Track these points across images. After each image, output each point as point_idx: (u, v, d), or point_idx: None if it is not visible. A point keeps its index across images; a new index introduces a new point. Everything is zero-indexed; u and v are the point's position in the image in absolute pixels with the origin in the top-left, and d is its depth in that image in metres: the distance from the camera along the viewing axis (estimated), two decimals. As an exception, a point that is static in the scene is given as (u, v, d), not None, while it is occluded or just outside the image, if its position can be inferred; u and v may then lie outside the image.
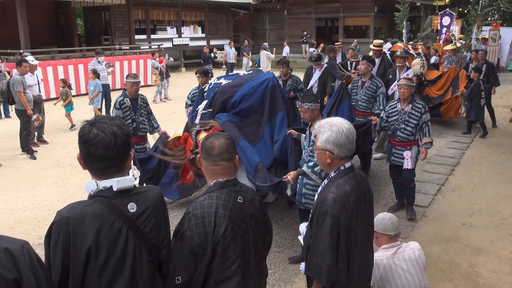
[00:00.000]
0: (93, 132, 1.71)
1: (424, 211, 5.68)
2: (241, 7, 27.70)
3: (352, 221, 2.28)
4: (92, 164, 1.74)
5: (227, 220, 2.05)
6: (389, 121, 5.51)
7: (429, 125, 5.35)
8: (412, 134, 5.35)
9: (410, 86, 5.35)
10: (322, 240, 2.26)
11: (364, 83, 6.81)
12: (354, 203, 2.28)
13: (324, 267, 2.24)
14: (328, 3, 25.43)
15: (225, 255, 2.05)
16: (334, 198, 2.25)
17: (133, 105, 5.80)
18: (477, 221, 5.39)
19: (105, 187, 1.73)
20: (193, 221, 2.02)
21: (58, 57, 15.53)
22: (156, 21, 23.65)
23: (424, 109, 5.32)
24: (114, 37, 20.67)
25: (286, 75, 7.26)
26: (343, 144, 2.32)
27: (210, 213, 2.03)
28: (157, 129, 6.12)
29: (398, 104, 5.48)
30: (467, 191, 6.37)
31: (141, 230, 1.76)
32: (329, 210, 2.24)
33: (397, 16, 15.98)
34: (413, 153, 5.37)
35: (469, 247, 4.78)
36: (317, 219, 2.32)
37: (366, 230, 2.40)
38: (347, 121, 2.41)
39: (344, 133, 2.32)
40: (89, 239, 1.63)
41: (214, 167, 2.16)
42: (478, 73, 9.10)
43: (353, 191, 2.29)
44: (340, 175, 2.35)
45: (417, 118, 5.29)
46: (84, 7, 22.14)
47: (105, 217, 1.67)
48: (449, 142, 8.85)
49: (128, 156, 1.80)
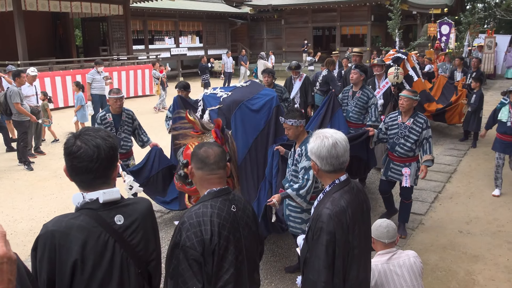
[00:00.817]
0: (76, 144, 1.71)
1: (421, 219, 5.66)
2: (238, 17, 27.88)
3: (349, 236, 2.23)
4: (77, 177, 1.73)
5: (222, 229, 2.03)
6: (388, 134, 5.23)
7: (431, 142, 5.04)
8: (411, 150, 5.07)
9: (411, 99, 5.00)
10: (318, 257, 2.22)
11: (355, 93, 6.50)
12: (350, 218, 2.23)
13: (320, 284, 2.21)
14: (325, 12, 25.60)
15: (219, 265, 2.04)
16: (330, 214, 2.19)
17: (116, 121, 5.61)
18: (474, 229, 5.37)
19: (91, 199, 1.72)
20: (191, 230, 1.99)
21: (56, 68, 15.56)
22: (154, 31, 23.78)
23: (426, 125, 5.01)
24: (112, 48, 20.75)
25: (270, 84, 7.15)
26: (324, 158, 2.26)
27: (206, 221, 2.01)
28: (147, 143, 5.91)
29: (399, 117, 5.17)
30: (464, 199, 6.37)
31: (129, 242, 1.75)
32: (324, 226, 2.19)
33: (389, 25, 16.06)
34: (412, 170, 5.11)
35: (466, 255, 4.76)
36: (312, 235, 2.28)
37: (364, 243, 2.35)
38: (340, 135, 2.32)
39: (326, 146, 2.24)
40: (75, 252, 1.62)
41: (211, 176, 2.15)
42: (479, 83, 8.97)
43: (349, 206, 2.24)
44: (335, 189, 2.30)
45: (418, 134, 5.00)
46: (82, 18, 22.25)
47: (91, 229, 1.66)
48: (446, 150, 8.86)
49: (114, 168, 1.79)
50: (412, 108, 5.07)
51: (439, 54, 14.58)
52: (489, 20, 23.52)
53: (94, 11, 17.15)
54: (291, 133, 3.97)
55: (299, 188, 3.74)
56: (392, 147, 5.17)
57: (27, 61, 14.63)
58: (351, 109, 6.46)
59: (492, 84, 18.57)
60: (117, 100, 5.56)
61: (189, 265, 1.95)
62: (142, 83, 17.69)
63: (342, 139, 2.28)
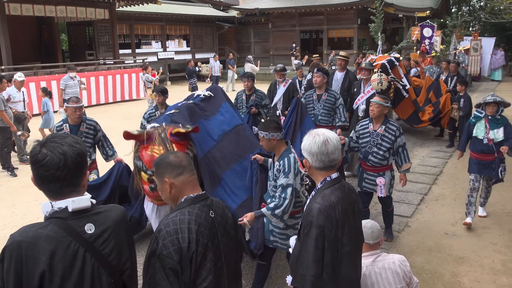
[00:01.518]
0: (42, 152, 1.66)
1: (407, 221, 5.66)
2: (226, 21, 27.86)
3: (338, 232, 2.26)
4: (44, 186, 1.68)
5: (200, 236, 1.99)
6: (359, 142, 5.03)
7: (406, 149, 4.95)
8: (385, 159, 4.89)
9: (381, 105, 4.82)
10: (308, 251, 2.26)
11: (321, 96, 6.42)
12: (340, 214, 2.27)
13: (309, 278, 2.24)
14: (312, 16, 25.67)
15: (197, 272, 1.99)
16: (319, 208, 2.25)
17: (73, 133, 5.18)
18: (459, 230, 5.39)
19: (60, 208, 1.66)
20: (167, 239, 1.94)
21: (41, 73, 15.36)
22: (141, 35, 23.62)
23: (399, 132, 4.86)
24: (99, 52, 20.57)
25: (250, 89, 6.98)
26: (314, 154, 2.32)
27: (183, 229, 1.97)
28: (112, 157, 5.53)
29: (370, 124, 4.97)
30: (450, 200, 6.38)
31: (100, 251, 1.69)
32: (314, 220, 2.24)
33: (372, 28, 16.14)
34: (387, 179, 4.95)
35: (451, 257, 4.77)
36: (303, 230, 2.32)
37: (354, 242, 2.37)
38: (331, 134, 2.38)
39: (317, 143, 2.31)
40: (42, 263, 1.56)
41: (191, 177, 2.13)
42: (465, 86, 9.00)
43: (339, 202, 2.29)
44: (326, 186, 2.36)
45: (391, 142, 4.83)
46: (67, 22, 22.03)
47: (60, 239, 1.60)
48: (432, 152, 8.90)
49: (83, 175, 1.74)
50: (383, 115, 4.91)
51: (425, 57, 14.63)
52: (474, 23, 23.77)
53: (79, 15, 16.99)
54: (264, 145, 3.74)
55: (274, 208, 3.50)
56: (364, 156, 4.99)
57: (12, 66, 14.45)
58: (319, 112, 6.39)
59: (478, 86, 18.76)
60: (76, 110, 5.19)
61: (166, 274, 1.91)
62: (129, 88, 17.55)
63: (334, 138, 2.37)
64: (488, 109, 5.37)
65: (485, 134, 5.39)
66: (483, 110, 5.47)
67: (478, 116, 5.50)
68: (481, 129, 5.43)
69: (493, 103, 5.34)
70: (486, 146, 5.39)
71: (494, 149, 5.32)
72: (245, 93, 7.03)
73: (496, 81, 20.37)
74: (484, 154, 5.45)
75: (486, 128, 5.39)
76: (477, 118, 5.52)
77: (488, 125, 5.38)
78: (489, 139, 5.35)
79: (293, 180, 3.50)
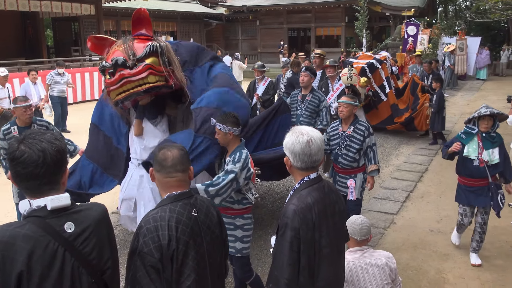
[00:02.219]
0: (20, 149, 1.60)
1: (393, 218, 5.70)
2: (213, 18, 27.77)
3: (315, 234, 2.20)
4: (22, 183, 1.63)
5: (181, 234, 1.97)
6: (330, 145, 4.84)
7: (375, 150, 4.71)
8: (355, 161, 4.69)
9: (350, 105, 4.62)
10: (282, 253, 2.19)
11: (305, 96, 6.19)
12: (316, 215, 2.20)
13: (283, 280, 2.17)
14: (300, 13, 25.72)
15: (179, 271, 1.97)
16: (295, 210, 2.18)
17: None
18: (444, 227, 5.43)
19: (39, 206, 1.62)
20: (148, 236, 1.93)
21: (26, 69, 15.09)
22: (128, 31, 23.41)
23: (368, 132, 4.64)
24: (84, 48, 20.30)
25: None
26: (297, 154, 2.24)
27: (163, 226, 1.95)
28: (75, 152, 5.26)
29: (340, 126, 4.79)
30: (435, 197, 6.44)
31: (80, 251, 1.66)
32: (289, 222, 2.17)
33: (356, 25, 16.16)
34: (358, 182, 4.71)
35: (436, 253, 4.81)
36: (279, 231, 2.26)
37: (334, 244, 2.31)
38: (316, 134, 2.30)
39: (301, 143, 2.23)
40: (20, 263, 1.52)
41: (168, 179, 2.10)
42: (440, 83, 9.11)
43: (316, 203, 2.22)
44: (304, 186, 2.29)
45: (360, 142, 4.62)
46: (53, 17, 21.76)
47: (38, 239, 1.56)
48: (418, 149, 8.97)
49: (63, 173, 1.70)
50: (352, 115, 4.71)
51: (411, 56, 14.64)
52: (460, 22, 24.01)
53: (65, 10, 16.79)
54: (220, 138, 3.60)
55: (209, 185, 3.33)
56: (335, 158, 4.84)
57: (-5, 62, 14.22)
58: (301, 113, 6.19)
59: (463, 85, 18.97)
60: (26, 110, 4.91)
61: (147, 272, 1.89)
62: (115, 84, 17.38)
63: (318, 138, 2.27)
64: (483, 124, 4.44)
65: (477, 154, 4.46)
66: (475, 126, 4.53)
67: (469, 133, 4.55)
68: (474, 147, 4.49)
69: (489, 117, 4.43)
70: (477, 168, 4.47)
71: (488, 172, 4.44)
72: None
73: (481, 80, 20.59)
74: (474, 179, 4.53)
75: (479, 147, 4.46)
76: (468, 135, 4.56)
77: (481, 143, 4.46)
78: (482, 161, 4.44)
79: (239, 171, 3.39)
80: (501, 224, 5.46)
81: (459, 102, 14.87)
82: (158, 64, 3.80)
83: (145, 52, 3.72)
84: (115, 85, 3.72)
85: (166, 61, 3.89)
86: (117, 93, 3.79)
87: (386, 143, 9.45)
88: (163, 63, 3.84)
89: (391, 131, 10.40)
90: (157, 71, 3.78)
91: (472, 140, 4.52)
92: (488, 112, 4.39)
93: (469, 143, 4.53)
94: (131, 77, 3.67)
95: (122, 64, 3.67)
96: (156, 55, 3.80)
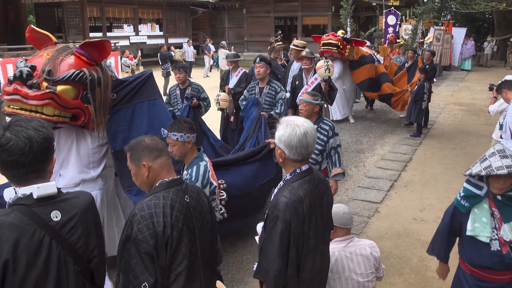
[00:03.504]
0: (5, 136, 1.59)
1: (377, 207, 5.77)
2: (199, 5, 27.49)
3: (305, 226, 2.24)
4: (7, 171, 1.62)
5: (175, 221, 1.98)
6: None
7: (339, 152, 4.24)
8: (316, 163, 4.23)
9: (310, 103, 4.12)
10: (272, 245, 2.22)
11: (262, 89, 5.82)
12: (307, 208, 2.23)
13: (273, 272, 2.20)
14: (286, 2, 25.60)
15: (172, 257, 1.99)
16: (286, 202, 2.19)
17: None
18: (427, 216, 5.52)
19: (25, 194, 1.61)
20: (142, 223, 1.92)
21: (8, 55, 14.86)
22: (112, 18, 23.10)
23: (333, 132, 4.18)
24: (68, 35, 20.03)
25: (184, 82, 6.11)
26: (294, 147, 2.24)
27: (158, 213, 1.96)
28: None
29: None
30: (418, 187, 6.53)
31: (67, 240, 1.66)
32: (280, 215, 2.19)
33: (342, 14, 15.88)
34: None
35: (419, 241, 4.89)
36: (269, 222, 2.28)
37: (321, 235, 2.35)
38: (309, 124, 2.30)
39: (297, 135, 2.23)
40: (5, 251, 1.52)
41: (168, 160, 2.15)
42: (424, 74, 9.09)
43: (307, 196, 2.24)
44: (295, 178, 2.30)
45: (323, 143, 4.18)
46: (35, 3, 21.30)
47: (24, 227, 1.56)
48: (402, 139, 9.06)
49: (49, 161, 1.69)
50: (315, 114, 4.20)
51: (393, 47, 14.31)
52: (446, 12, 24.16)
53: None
54: (176, 150, 3.17)
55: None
56: None
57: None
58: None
59: (448, 75, 19.15)
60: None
61: (141, 258, 1.90)
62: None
63: (312, 129, 2.30)
64: (496, 183, 2.65)
65: (492, 232, 2.70)
66: (485, 184, 2.71)
67: (474, 195, 2.77)
68: (483, 222, 2.72)
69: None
70: (497, 255, 2.68)
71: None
72: (178, 87, 6.17)
73: (465, 71, 20.81)
74: (494, 271, 2.72)
75: (494, 219, 2.72)
76: (470, 199, 2.79)
77: (497, 212, 2.72)
78: (504, 242, 2.68)
79: None
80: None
81: (444, 92, 15.03)
82: (72, 97, 3.07)
83: (63, 77, 3.01)
84: (7, 97, 2.97)
85: (89, 97, 3.13)
86: (8, 105, 3.06)
87: (371, 132, 9.53)
88: (82, 98, 3.11)
89: (376, 120, 10.50)
90: (62, 104, 3.02)
91: (479, 208, 2.76)
92: (506, 171, 2.52)
93: (474, 213, 2.77)
94: (24, 98, 2.91)
95: (24, 79, 2.92)
96: (77, 86, 3.08)
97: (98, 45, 3.20)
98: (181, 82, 6.13)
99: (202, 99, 6.15)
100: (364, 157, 7.88)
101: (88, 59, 3.17)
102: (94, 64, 3.22)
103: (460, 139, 9.10)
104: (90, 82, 3.09)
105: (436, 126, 10.25)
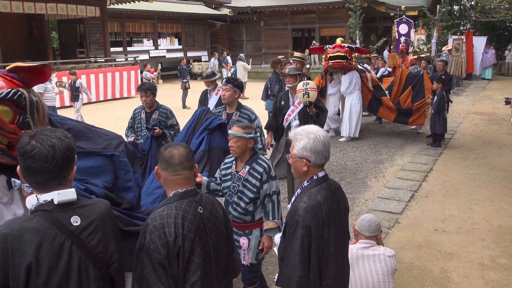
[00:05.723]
0: (31, 144, 1.66)
1: (398, 218, 5.70)
2: (217, 19, 27.82)
3: (324, 231, 2.26)
4: (31, 177, 1.68)
5: (187, 231, 2.00)
6: (222, 186, 3.50)
7: (275, 200, 3.34)
8: (247, 213, 3.36)
9: (242, 138, 3.27)
10: (294, 251, 2.24)
11: (231, 116, 4.91)
12: (326, 213, 2.26)
13: (295, 278, 2.22)
14: (304, 14, 25.73)
15: (185, 267, 2.01)
16: (306, 208, 2.23)
17: None
18: (449, 227, 5.43)
19: (46, 200, 1.67)
20: (154, 233, 1.96)
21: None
22: (132, 33, 23.55)
23: (268, 175, 3.30)
24: (90, 50, 20.47)
25: (151, 106, 5.43)
26: (320, 152, 2.31)
27: (169, 223, 1.99)
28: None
29: (234, 163, 3.44)
30: (439, 197, 6.43)
31: (87, 244, 1.70)
32: (300, 220, 2.22)
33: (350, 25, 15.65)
34: (253, 241, 3.41)
35: (441, 253, 4.80)
36: (289, 229, 2.30)
37: (340, 241, 2.36)
38: (322, 129, 2.41)
39: (321, 140, 2.31)
40: (29, 255, 1.57)
41: (175, 177, 2.12)
42: (442, 84, 8.92)
43: (325, 201, 2.28)
44: (313, 184, 2.34)
45: (255, 190, 3.30)
46: (58, 20, 21.92)
47: (46, 231, 1.61)
48: (422, 149, 8.95)
49: (71, 170, 1.75)
50: (248, 151, 3.35)
51: (405, 57, 13.90)
52: (465, 22, 23.93)
53: (70, 12, 16.90)
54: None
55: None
56: (226, 207, 3.41)
57: (1, 64, 14.32)
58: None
59: (469, 85, 18.90)
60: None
61: (153, 268, 1.93)
62: (120, 86, 17.49)
63: (326, 133, 2.41)
64: None
65: None
66: None
67: None
68: None
69: None
70: None
71: None
72: (144, 111, 5.47)
73: (486, 80, 20.52)
74: None
75: None
76: None
77: None
78: None
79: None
80: (506, 224, 5.46)
81: (464, 101, 14.83)
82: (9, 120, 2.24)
83: None
84: None
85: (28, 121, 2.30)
86: None
87: (390, 143, 9.44)
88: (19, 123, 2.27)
89: (396, 131, 10.40)
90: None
91: None
92: None
93: None
94: None
95: None
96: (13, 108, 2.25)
97: (35, 70, 2.53)
98: (147, 106, 5.45)
99: (170, 127, 5.48)
100: (383, 167, 7.80)
101: (19, 82, 2.40)
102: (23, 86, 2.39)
103: (481, 148, 8.95)
104: (30, 104, 2.32)
105: (457, 136, 10.10)
